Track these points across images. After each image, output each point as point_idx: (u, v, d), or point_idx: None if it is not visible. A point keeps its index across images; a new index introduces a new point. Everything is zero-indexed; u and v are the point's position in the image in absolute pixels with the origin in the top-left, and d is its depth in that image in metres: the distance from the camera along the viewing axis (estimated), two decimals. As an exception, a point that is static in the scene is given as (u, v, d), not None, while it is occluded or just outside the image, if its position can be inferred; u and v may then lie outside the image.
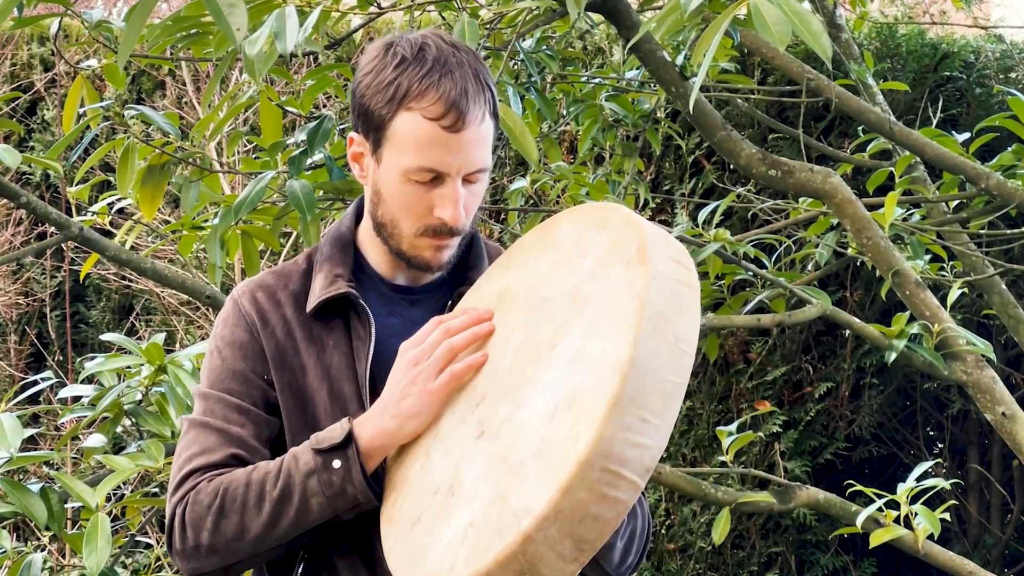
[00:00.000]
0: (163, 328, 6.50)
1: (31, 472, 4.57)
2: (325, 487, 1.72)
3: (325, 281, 1.86)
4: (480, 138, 1.77)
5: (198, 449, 1.81)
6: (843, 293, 5.21)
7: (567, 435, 1.53)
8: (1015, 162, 3.66)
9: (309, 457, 1.73)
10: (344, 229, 1.92)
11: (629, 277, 1.59)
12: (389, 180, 1.80)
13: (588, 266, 1.67)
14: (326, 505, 1.73)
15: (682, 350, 1.57)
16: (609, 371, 1.53)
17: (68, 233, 3.14)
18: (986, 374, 3.38)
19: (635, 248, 1.61)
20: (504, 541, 1.53)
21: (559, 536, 1.52)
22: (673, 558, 5.33)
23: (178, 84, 6.88)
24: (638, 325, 1.53)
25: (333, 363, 1.84)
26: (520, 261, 1.80)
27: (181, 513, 1.78)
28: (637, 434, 1.52)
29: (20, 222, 7.19)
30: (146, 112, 2.92)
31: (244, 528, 1.75)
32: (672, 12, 2.31)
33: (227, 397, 1.83)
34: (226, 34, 2.18)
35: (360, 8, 3.13)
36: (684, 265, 1.63)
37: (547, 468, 1.53)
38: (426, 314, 1.88)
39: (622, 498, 1.52)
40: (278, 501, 1.73)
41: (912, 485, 3.24)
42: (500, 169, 5.72)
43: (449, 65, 1.75)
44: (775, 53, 3.73)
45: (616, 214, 1.68)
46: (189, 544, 1.77)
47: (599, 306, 1.61)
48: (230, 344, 1.86)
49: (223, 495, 1.75)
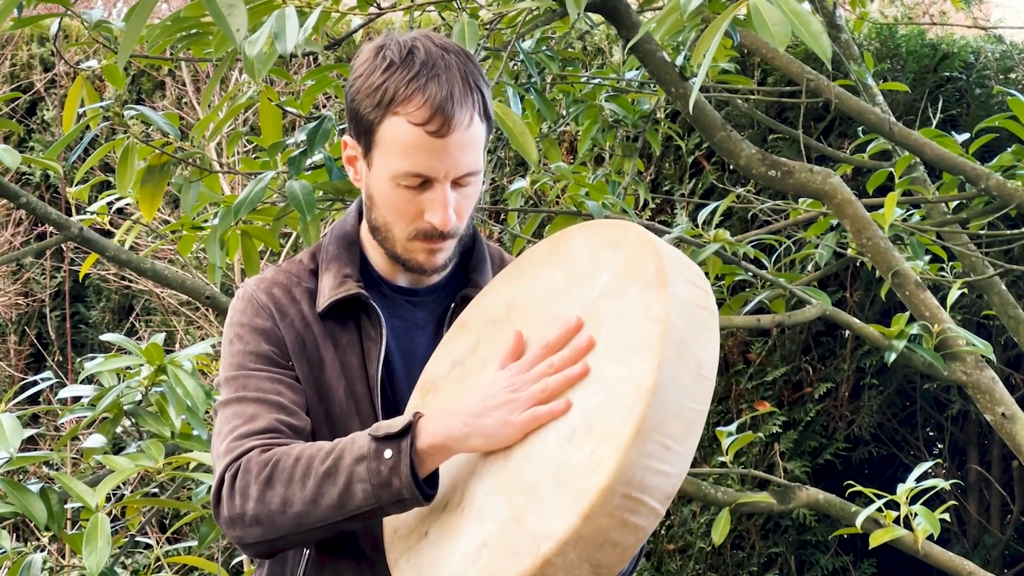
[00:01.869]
0: (163, 328, 6.50)
1: (31, 472, 4.57)
2: (372, 475, 1.66)
3: (335, 281, 1.85)
4: (468, 142, 1.75)
5: (240, 421, 1.77)
6: (843, 294, 5.21)
7: (588, 460, 1.52)
8: (1015, 163, 3.66)
9: (365, 442, 1.67)
10: (348, 228, 1.91)
11: (647, 300, 1.57)
12: (379, 184, 1.80)
13: (603, 284, 1.65)
14: (371, 493, 1.66)
15: (703, 376, 1.56)
16: (632, 397, 1.51)
17: (68, 233, 3.14)
18: (986, 375, 3.38)
19: (654, 270, 1.59)
20: (521, 564, 1.52)
21: (578, 561, 1.51)
22: (673, 558, 5.33)
23: (178, 84, 6.88)
24: (662, 351, 1.52)
25: (347, 362, 1.83)
26: (529, 273, 1.78)
27: (231, 478, 1.73)
28: (659, 461, 1.51)
29: (20, 222, 7.18)
30: (146, 112, 2.92)
31: (287, 501, 1.69)
32: (672, 12, 2.31)
33: (257, 372, 1.80)
34: (226, 34, 2.18)
35: (360, 8, 3.13)
36: (701, 288, 1.62)
37: (566, 492, 1.52)
38: (428, 316, 1.88)
39: (642, 525, 1.52)
40: (323, 477, 1.68)
41: (912, 485, 3.24)
42: (500, 169, 5.72)
43: (437, 68, 1.74)
44: (775, 53, 3.73)
45: (631, 232, 1.67)
46: (236, 511, 1.72)
47: (615, 327, 1.60)
48: (251, 330, 1.83)
49: (273, 466, 1.70)
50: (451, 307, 1.88)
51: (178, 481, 3.11)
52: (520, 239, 3.85)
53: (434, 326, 1.89)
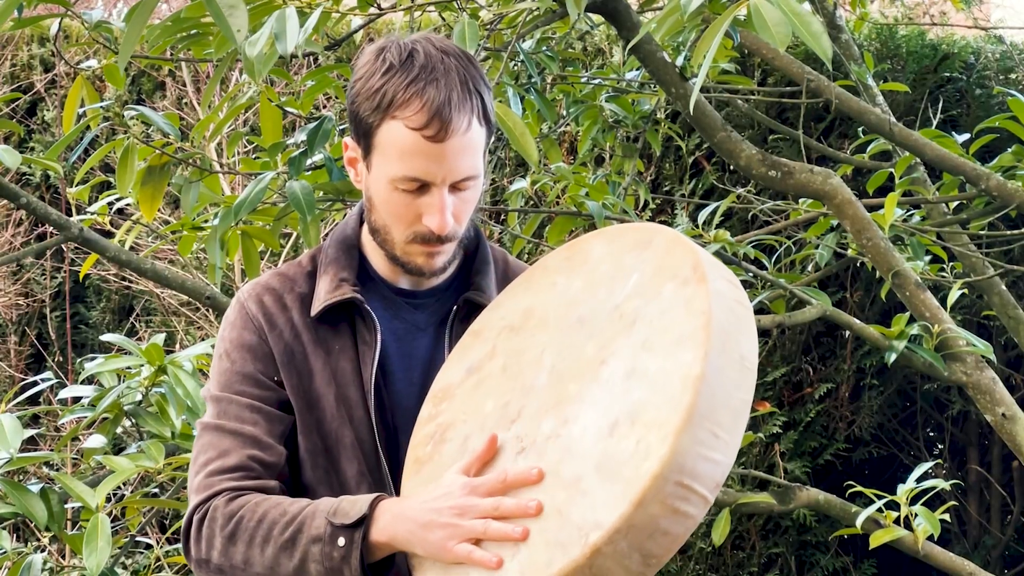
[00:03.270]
0: (163, 329, 6.50)
1: (31, 473, 4.57)
2: (325, 559, 1.70)
3: (330, 285, 1.85)
4: (466, 146, 1.75)
5: (214, 453, 1.81)
6: (843, 294, 5.21)
7: (635, 449, 1.52)
8: (1015, 163, 3.66)
9: (322, 523, 1.71)
10: (349, 231, 1.91)
11: (687, 295, 1.58)
12: (378, 187, 1.80)
13: (632, 285, 1.66)
14: (324, 573, 1.71)
15: (747, 368, 1.58)
16: (679, 386, 1.52)
17: (68, 234, 3.14)
18: (986, 375, 3.38)
19: (690, 267, 1.61)
20: (569, 555, 1.51)
21: (628, 550, 1.50)
22: (673, 558, 5.33)
23: (178, 85, 6.88)
24: (707, 341, 1.53)
25: (339, 367, 1.84)
26: (545, 281, 1.79)
27: (199, 522, 1.79)
28: (710, 449, 1.52)
29: (20, 222, 7.19)
30: (146, 113, 2.92)
31: (248, 561, 1.75)
32: (672, 13, 2.31)
33: (239, 398, 1.83)
34: (226, 35, 2.18)
35: (360, 9, 3.13)
36: (736, 286, 1.64)
37: (614, 482, 1.52)
38: (430, 318, 1.88)
39: (692, 513, 1.52)
40: (281, 549, 1.73)
41: (912, 486, 3.24)
42: (500, 170, 5.72)
43: (436, 72, 1.73)
44: (775, 54, 3.73)
45: (660, 234, 1.68)
46: (202, 555, 1.78)
47: (653, 324, 1.60)
48: (239, 347, 1.85)
49: (237, 522, 1.75)
50: (453, 309, 1.88)
51: (178, 481, 3.12)
52: (520, 239, 3.85)
53: (435, 328, 1.88)
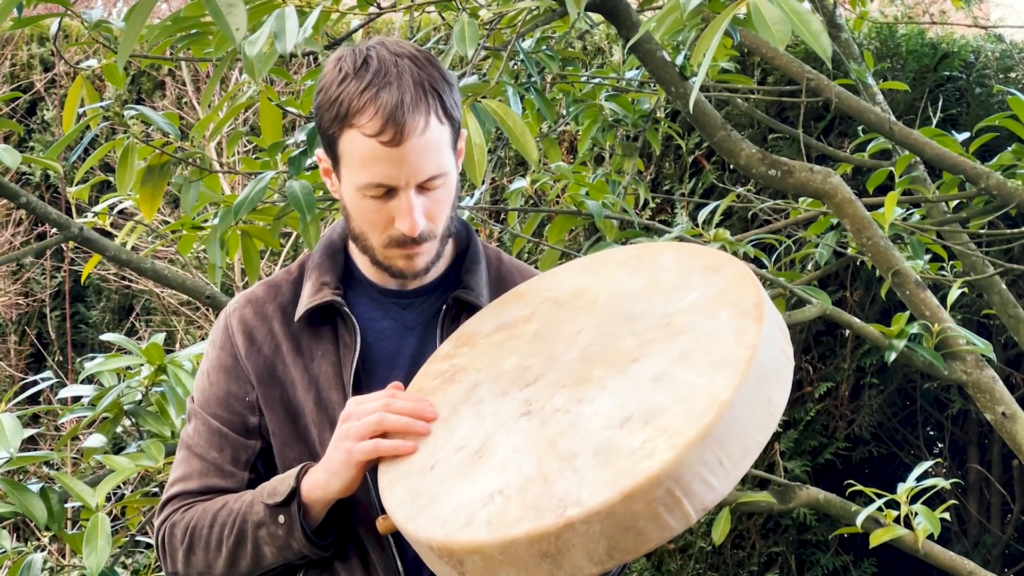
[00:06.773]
0: (163, 328, 6.50)
1: (31, 472, 4.57)
2: (273, 539, 1.79)
3: (312, 290, 1.88)
4: (426, 146, 1.75)
5: (180, 473, 1.91)
6: (843, 293, 5.21)
7: (640, 447, 1.54)
8: (1015, 162, 3.66)
9: (260, 507, 1.80)
10: (335, 236, 1.94)
11: (740, 326, 1.62)
12: (349, 196, 1.81)
13: (690, 300, 1.70)
14: (277, 554, 1.80)
15: (771, 413, 1.60)
16: (704, 404, 1.55)
17: (68, 233, 3.15)
18: (986, 374, 3.38)
19: (752, 302, 1.65)
20: (541, 520, 1.53)
21: (598, 536, 1.52)
22: (673, 558, 5.33)
23: (178, 84, 6.88)
24: (746, 373, 1.56)
25: (321, 372, 1.86)
26: (606, 270, 1.83)
27: (162, 539, 1.89)
28: (711, 473, 1.54)
29: (20, 222, 7.19)
30: (146, 112, 2.92)
31: (209, 565, 1.85)
32: (672, 12, 2.31)
33: (211, 421, 1.90)
34: (226, 34, 2.18)
35: (360, 8, 3.13)
36: (786, 337, 1.68)
37: (609, 468, 1.54)
38: (418, 318, 1.89)
39: (671, 524, 1.54)
40: (234, 546, 1.82)
41: (912, 485, 3.24)
42: (500, 169, 5.72)
43: (388, 76, 1.74)
44: (775, 53, 3.73)
45: (732, 264, 1.73)
46: (170, 570, 1.89)
47: (699, 341, 1.64)
48: (217, 368, 1.91)
49: (191, 532, 1.85)
50: (443, 308, 1.89)
51: (178, 481, 3.11)
52: (520, 238, 3.85)
53: (424, 327, 1.89)
